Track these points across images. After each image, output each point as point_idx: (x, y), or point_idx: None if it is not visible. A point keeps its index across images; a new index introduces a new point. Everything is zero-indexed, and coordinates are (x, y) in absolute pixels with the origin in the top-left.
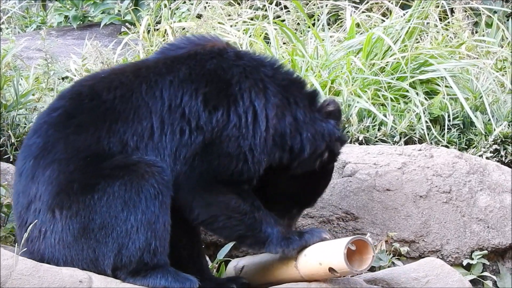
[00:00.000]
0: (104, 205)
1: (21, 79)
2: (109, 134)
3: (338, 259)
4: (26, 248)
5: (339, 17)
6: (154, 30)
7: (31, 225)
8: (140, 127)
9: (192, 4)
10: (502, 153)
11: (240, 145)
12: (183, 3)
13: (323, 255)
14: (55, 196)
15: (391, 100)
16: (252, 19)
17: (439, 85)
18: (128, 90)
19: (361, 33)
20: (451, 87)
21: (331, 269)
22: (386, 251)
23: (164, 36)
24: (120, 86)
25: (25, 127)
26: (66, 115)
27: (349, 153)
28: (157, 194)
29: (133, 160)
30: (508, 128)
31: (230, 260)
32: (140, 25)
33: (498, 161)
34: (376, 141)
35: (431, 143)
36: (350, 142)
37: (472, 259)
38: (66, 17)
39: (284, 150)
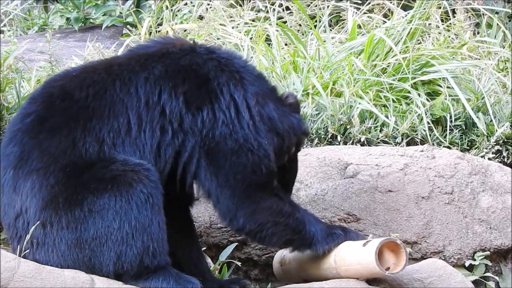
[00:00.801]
0: (96, 217)
1: (23, 81)
2: (84, 134)
3: (371, 262)
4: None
5: (341, 18)
6: (156, 32)
7: (26, 239)
8: (116, 123)
9: (193, 6)
10: (504, 154)
11: (235, 139)
12: (184, 5)
13: (357, 256)
14: (42, 211)
15: (393, 101)
16: (254, 20)
17: (441, 86)
18: (102, 88)
19: (363, 34)
20: (453, 88)
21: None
22: None
23: None
24: (93, 84)
25: None
26: (39, 120)
27: (351, 154)
28: (148, 198)
29: (118, 170)
30: (510, 129)
31: (233, 262)
32: (142, 27)
33: (500, 162)
34: (378, 142)
35: (433, 144)
36: (352, 143)
37: (475, 260)
38: (67, 19)
39: (278, 135)
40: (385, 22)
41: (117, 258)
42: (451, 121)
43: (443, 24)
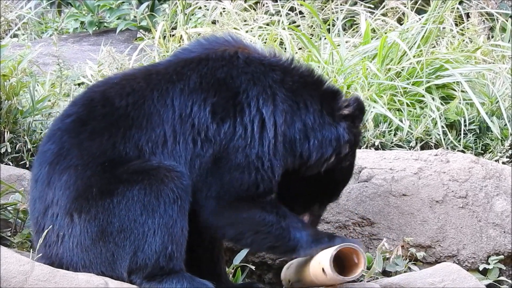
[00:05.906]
0: (123, 209)
1: (37, 85)
2: (124, 140)
3: (327, 266)
4: (43, 253)
5: (355, 22)
6: (170, 36)
7: (47, 229)
8: (154, 135)
9: (207, 9)
10: None
11: (247, 155)
12: (198, 8)
13: (323, 259)
14: (73, 201)
15: (407, 105)
16: (267, 24)
17: (455, 90)
18: (140, 97)
19: (377, 38)
20: (467, 92)
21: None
22: (402, 256)
23: (179, 42)
24: (132, 93)
25: (41, 133)
26: (80, 122)
27: (365, 158)
28: (176, 199)
29: (152, 165)
30: None
31: (246, 266)
32: (156, 30)
33: None
34: (392, 146)
35: (447, 148)
36: (366, 147)
37: (489, 264)
38: (82, 23)
39: (295, 156)
40: (399, 26)
41: (134, 253)
42: (465, 125)
43: (457, 28)
